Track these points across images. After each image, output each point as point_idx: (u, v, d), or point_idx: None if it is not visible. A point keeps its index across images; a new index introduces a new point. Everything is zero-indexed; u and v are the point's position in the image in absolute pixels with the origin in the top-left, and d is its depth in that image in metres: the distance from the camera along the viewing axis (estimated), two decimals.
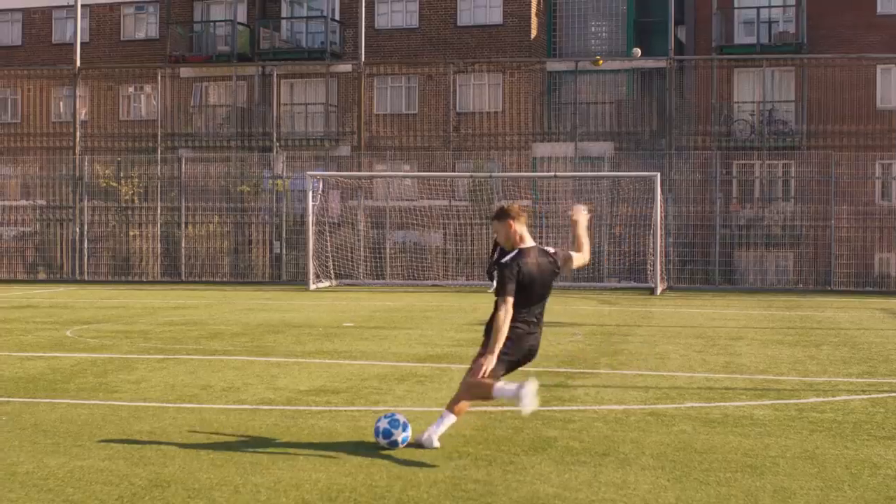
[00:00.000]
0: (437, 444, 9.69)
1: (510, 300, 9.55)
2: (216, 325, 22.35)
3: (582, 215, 10.30)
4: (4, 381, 13.94)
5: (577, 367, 15.43)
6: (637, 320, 24.11)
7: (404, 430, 9.58)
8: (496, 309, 9.59)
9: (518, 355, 9.83)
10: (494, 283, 9.73)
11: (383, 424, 9.61)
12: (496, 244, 28.69)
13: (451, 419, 9.85)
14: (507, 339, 9.61)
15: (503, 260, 9.78)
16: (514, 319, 9.62)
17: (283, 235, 40.90)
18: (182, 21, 49.70)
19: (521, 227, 9.87)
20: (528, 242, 9.88)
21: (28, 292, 34.08)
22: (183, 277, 41.29)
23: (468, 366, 15.26)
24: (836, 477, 8.73)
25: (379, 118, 46.34)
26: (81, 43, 45.72)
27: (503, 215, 9.92)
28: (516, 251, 9.80)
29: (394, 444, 9.57)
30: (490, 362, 9.50)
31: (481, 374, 9.54)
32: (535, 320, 9.85)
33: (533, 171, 42.60)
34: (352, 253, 39.70)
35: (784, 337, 20.27)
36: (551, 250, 10.05)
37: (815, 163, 39.44)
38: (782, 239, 39.85)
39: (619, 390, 13.32)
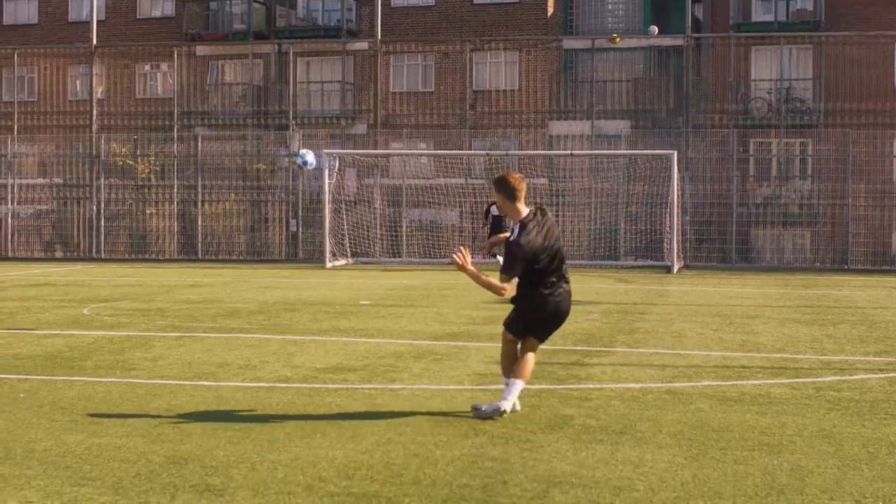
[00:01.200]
0: (517, 407, 10.08)
1: (514, 281, 9.80)
2: (233, 303, 22.39)
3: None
4: (22, 358, 13.99)
5: (593, 345, 15.42)
6: (653, 299, 24.08)
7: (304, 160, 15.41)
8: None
9: (560, 319, 10.12)
10: (500, 257, 9.88)
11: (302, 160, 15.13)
12: (487, 210, 29.14)
13: (519, 385, 10.02)
14: (538, 309, 9.94)
15: (510, 239, 9.86)
16: (541, 286, 9.88)
17: (300, 214, 40.93)
18: None
19: (521, 204, 10.00)
20: (525, 210, 9.96)
21: (45, 270, 34.18)
22: (199, 255, 41.37)
23: (484, 343, 15.29)
24: (853, 455, 8.72)
25: (395, 96, 46.29)
26: (98, 21, 45.76)
27: (508, 193, 9.98)
28: (519, 226, 9.88)
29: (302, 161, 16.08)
30: (472, 277, 9.77)
31: (460, 266, 9.79)
32: (565, 280, 10.06)
33: (549, 150, 42.55)
34: (368, 231, 39.71)
35: (801, 315, 20.23)
36: (539, 205, 10.18)
37: (832, 141, 39.30)
38: (799, 217, 39.75)
39: (635, 368, 13.30)
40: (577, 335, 16.45)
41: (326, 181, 36.51)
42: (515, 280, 9.78)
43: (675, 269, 34.17)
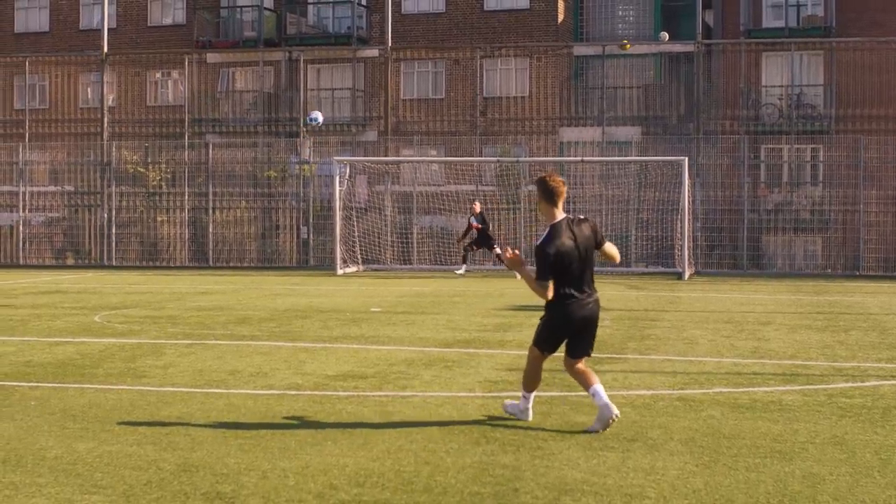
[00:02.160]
0: (529, 416, 10.23)
1: (548, 284, 9.75)
2: (244, 310, 22.40)
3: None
4: (34, 366, 14.00)
5: (604, 352, 15.38)
6: (665, 305, 24.04)
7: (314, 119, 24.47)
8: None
9: (572, 329, 9.98)
10: (464, 268, 9.72)
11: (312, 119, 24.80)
12: (470, 226, 29.79)
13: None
14: (558, 314, 9.92)
15: (538, 243, 9.88)
16: (561, 297, 9.83)
17: (311, 221, 40.92)
18: (209, 6, 49.74)
19: (558, 209, 9.95)
20: (560, 215, 9.91)
21: (56, 278, 34.23)
22: (210, 263, 41.39)
23: (495, 350, 15.28)
24: (865, 462, 8.69)
25: (406, 103, 46.29)
26: (108, 29, 45.80)
27: (547, 195, 9.94)
28: (549, 230, 9.86)
29: (314, 120, 28.64)
30: (519, 271, 9.98)
31: (510, 264, 10.12)
32: (584, 291, 9.92)
33: (560, 156, 42.45)
34: (379, 238, 39.70)
35: (813, 322, 20.19)
36: (582, 217, 10.11)
37: (843, 147, 39.18)
38: (811, 223, 39.64)
39: (647, 375, 13.28)
40: None
41: (337, 188, 36.51)
42: (551, 283, 9.76)
43: (687, 275, 34.11)
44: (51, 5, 52.56)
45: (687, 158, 35.35)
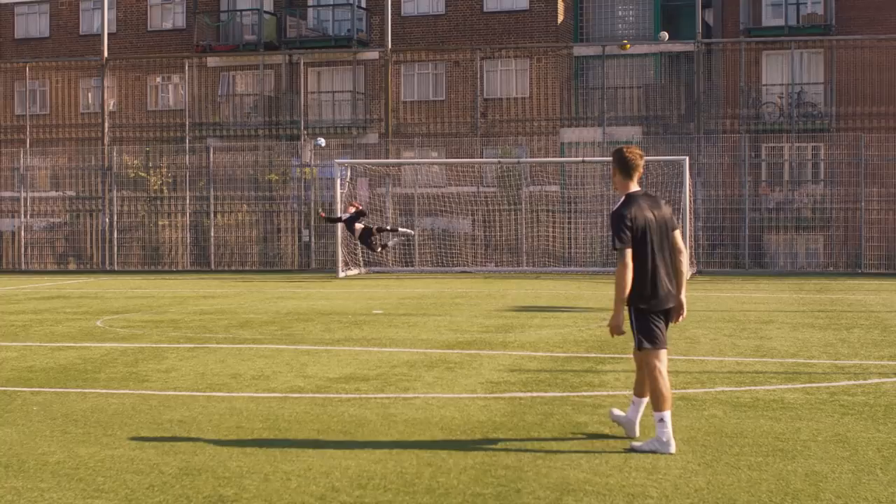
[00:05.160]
0: (637, 432, 9.51)
1: (628, 252, 9.06)
2: (245, 313, 22.40)
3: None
4: (35, 371, 14.00)
5: (606, 352, 15.38)
6: None
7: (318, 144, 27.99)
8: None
9: (660, 308, 9.28)
10: (400, 232, 9.24)
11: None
12: (349, 208, 29.15)
13: (643, 402, 9.57)
14: (644, 295, 9.17)
15: (614, 208, 9.29)
16: (642, 277, 9.14)
17: (312, 223, 40.93)
18: (208, 10, 49.76)
19: (633, 182, 9.39)
20: (634, 188, 9.36)
21: (58, 283, 34.23)
22: (212, 266, 41.39)
23: (498, 351, 15.27)
24: (867, 460, 8.68)
25: (406, 105, 46.30)
26: (109, 34, 45.83)
27: (623, 167, 9.36)
28: (625, 197, 9.28)
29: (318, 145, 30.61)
30: (615, 322, 9.16)
31: (613, 332, 9.25)
32: (664, 272, 9.25)
33: (561, 157, 42.47)
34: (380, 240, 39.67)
35: (815, 320, 20.18)
36: (658, 195, 9.66)
37: (844, 145, 39.18)
38: (812, 222, 39.62)
39: None
40: (589, 342, 16.43)
41: (338, 191, 36.53)
42: (629, 252, 9.04)
43: (688, 274, 34.09)
44: (51, 11, 52.61)
45: (688, 158, 35.37)
